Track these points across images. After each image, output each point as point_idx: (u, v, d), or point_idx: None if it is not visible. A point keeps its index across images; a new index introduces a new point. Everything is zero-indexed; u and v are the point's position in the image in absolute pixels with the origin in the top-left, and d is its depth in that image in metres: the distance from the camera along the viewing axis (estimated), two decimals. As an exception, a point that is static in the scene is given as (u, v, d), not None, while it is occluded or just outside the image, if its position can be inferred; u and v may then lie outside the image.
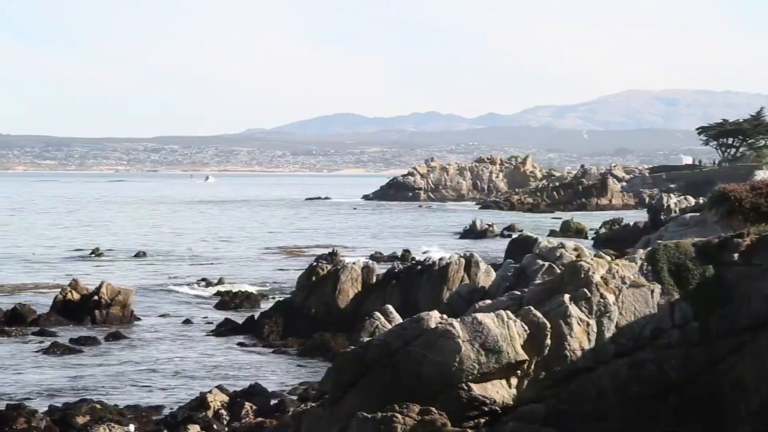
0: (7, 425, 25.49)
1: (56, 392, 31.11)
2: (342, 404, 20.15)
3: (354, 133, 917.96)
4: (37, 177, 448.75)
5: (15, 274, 64.04)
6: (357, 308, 41.27)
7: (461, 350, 19.81)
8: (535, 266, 35.77)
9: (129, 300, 45.63)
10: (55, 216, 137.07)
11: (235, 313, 47.11)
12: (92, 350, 38.24)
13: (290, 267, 67.26)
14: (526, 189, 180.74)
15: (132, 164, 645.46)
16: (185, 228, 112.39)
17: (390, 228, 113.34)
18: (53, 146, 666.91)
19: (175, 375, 34.08)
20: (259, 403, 27.52)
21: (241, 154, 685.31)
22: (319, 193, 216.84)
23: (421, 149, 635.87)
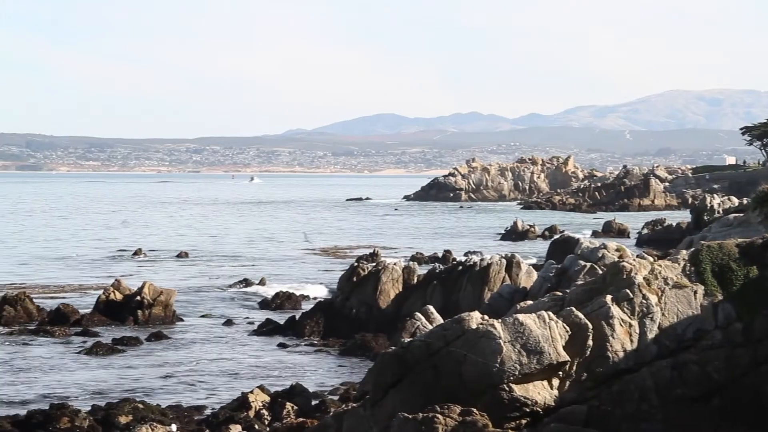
0: (51, 424, 25.67)
1: (99, 392, 31.30)
2: (383, 405, 20.14)
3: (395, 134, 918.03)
4: (82, 178, 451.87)
5: (58, 274, 64.50)
6: (398, 309, 41.27)
7: (502, 351, 19.75)
8: (577, 267, 35.62)
9: (171, 300, 45.83)
10: (98, 217, 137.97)
11: (276, 313, 47.20)
12: (134, 350, 38.45)
13: (332, 267, 67.34)
14: (567, 189, 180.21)
15: (174, 165, 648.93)
16: (227, 228, 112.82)
17: (431, 229, 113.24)
18: (96, 147, 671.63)
19: (217, 375, 34.20)
20: (301, 404, 27.55)
21: (283, 154, 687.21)
22: (360, 194, 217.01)
23: (463, 150, 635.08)
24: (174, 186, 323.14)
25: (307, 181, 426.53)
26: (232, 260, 74.33)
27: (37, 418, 26.03)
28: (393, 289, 42.24)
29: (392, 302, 41.91)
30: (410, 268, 43.19)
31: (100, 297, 45.94)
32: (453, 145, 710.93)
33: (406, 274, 42.72)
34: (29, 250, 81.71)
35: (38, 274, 63.98)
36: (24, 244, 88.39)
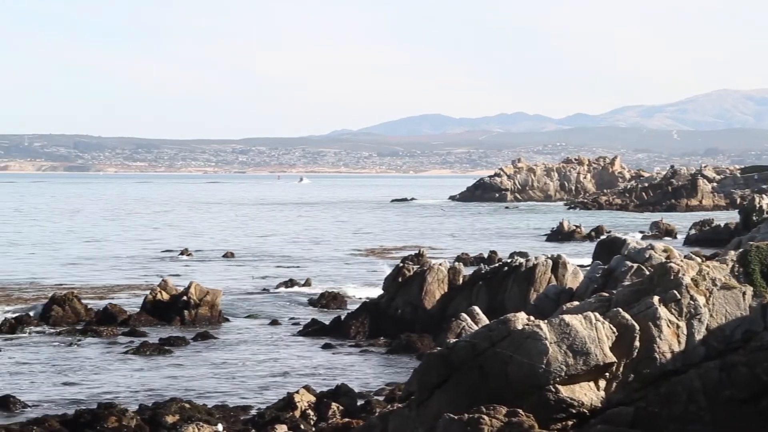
0: (99, 424, 25.84)
1: (146, 391, 31.48)
2: (428, 405, 20.12)
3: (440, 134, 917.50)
4: (129, 179, 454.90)
5: (106, 274, 64.96)
6: (443, 309, 41.22)
7: (548, 352, 19.68)
8: (624, 268, 35.43)
9: (217, 300, 46.02)
10: (146, 217, 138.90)
11: (322, 313, 47.29)
12: (181, 350, 38.63)
13: (377, 268, 67.37)
14: (614, 190, 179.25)
15: (220, 166, 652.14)
16: (273, 229, 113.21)
17: (476, 229, 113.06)
18: (143, 148, 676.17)
19: (263, 375, 34.30)
20: (346, 404, 27.58)
21: (328, 155, 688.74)
22: (405, 195, 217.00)
23: (508, 150, 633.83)
24: (222, 186, 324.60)
25: (352, 181, 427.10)
26: (278, 261, 74.55)
27: (85, 417, 26.22)
28: (438, 290, 42.19)
29: (437, 303, 41.86)
30: (456, 269, 43.11)
31: (147, 297, 46.21)
32: (498, 145, 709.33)
33: (451, 274, 42.65)
34: (78, 251, 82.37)
35: (86, 275, 64.47)
36: (72, 245, 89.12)
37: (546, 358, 19.65)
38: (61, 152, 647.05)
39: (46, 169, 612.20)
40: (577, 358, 19.76)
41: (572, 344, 19.81)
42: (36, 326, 43.57)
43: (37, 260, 74.32)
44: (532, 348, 19.75)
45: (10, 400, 29.20)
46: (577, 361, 19.75)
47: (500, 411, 19.10)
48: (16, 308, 47.45)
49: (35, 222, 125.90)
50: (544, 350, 19.69)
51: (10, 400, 29.19)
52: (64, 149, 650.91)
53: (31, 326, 43.37)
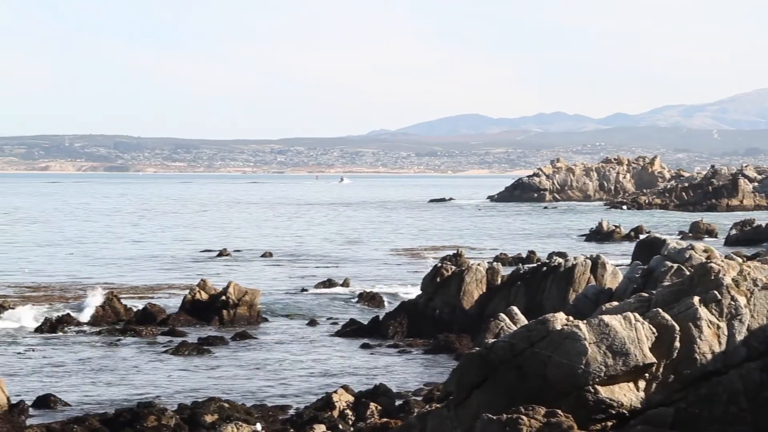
0: (139, 423, 25.98)
1: (185, 391, 31.61)
2: (467, 405, 20.09)
3: (479, 134, 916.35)
4: (169, 179, 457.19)
5: (145, 274, 65.29)
6: (481, 309, 41.15)
7: (587, 352, 19.60)
8: (664, 268, 35.21)
9: (256, 300, 46.15)
10: (185, 217, 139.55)
11: (360, 313, 47.33)
12: (220, 350, 38.77)
13: (415, 268, 67.37)
14: (654, 190, 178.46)
15: (258, 166, 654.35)
16: (312, 229, 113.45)
17: (515, 229, 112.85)
18: (182, 148, 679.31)
19: (301, 375, 34.36)
20: (384, 404, 27.58)
21: (366, 155, 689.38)
22: (444, 195, 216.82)
23: (547, 150, 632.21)
24: (261, 186, 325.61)
25: (390, 181, 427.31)
26: (316, 260, 74.68)
27: (125, 416, 26.36)
28: (477, 290, 42.13)
29: (476, 303, 41.80)
30: (494, 269, 43.03)
31: (186, 297, 46.40)
32: (537, 145, 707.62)
33: (489, 274, 42.57)
34: (117, 251, 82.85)
35: (126, 274, 64.83)
36: (112, 244, 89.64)
37: (585, 358, 19.57)
38: (101, 152, 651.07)
39: (86, 169, 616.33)
40: (617, 359, 19.67)
41: (611, 345, 19.72)
42: (76, 326, 43.86)
43: (77, 260, 74.82)
44: (571, 348, 19.68)
45: (51, 399, 29.42)
46: (616, 361, 19.66)
47: (539, 411, 19.05)
48: (57, 307, 47.76)
49: (77, 221, 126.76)
50: (583, 351, 19.61)
51: (51, 399, 29.41)
52: (104, 149, 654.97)
53: (71, 326, 43.65)
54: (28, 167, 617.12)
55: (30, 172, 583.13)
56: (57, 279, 61.52)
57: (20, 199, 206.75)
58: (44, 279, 61.37)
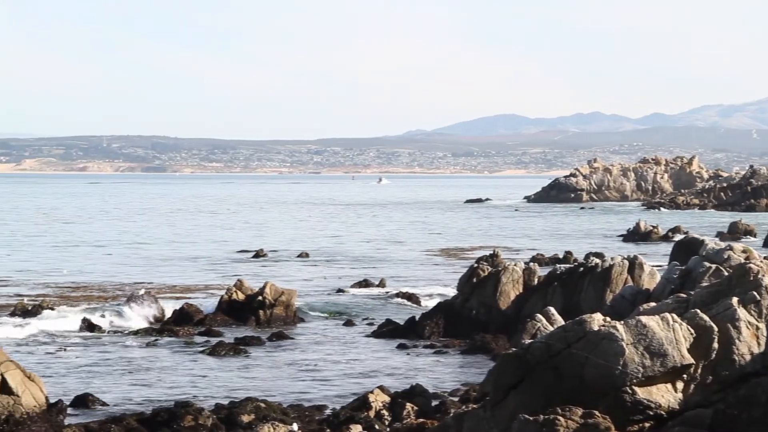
0: (176, 422, 26.08)
1: (222, 391, 31.70)
2: (503, 406, 20.04)
3: (515, 134, 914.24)
4: (206, 179, 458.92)
5: (183, 274, 65.56)
6: (518, 310, 41.06)
7: (625, 353, 19.51)
8: (702, 268, 35.04)
9: (292, 300, 46.22)
10: (221, 217, 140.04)
11: (396, 314, 47.31)
12: (256, 350, 38.85)
13: (451, 268, 67.32)
14: (692, 190, 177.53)
15: (295, 166, 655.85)
16: (348, 229, 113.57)
17: (551, 229, 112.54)
18: (219, 149, 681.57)
19: (337, 375, 34.39)
20: (421, 404, 27.56)
21: (402, 155, 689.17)
22: (480, 195, 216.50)
23: (584, 150, 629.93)
24: (300, 187, 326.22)
25: (426, 181, 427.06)
26: (353, 261, 74.74)
27: (162, 416, 26.47)
28: (513, 290, 42.03)
29: (512, 303, 41.70)
30: (531, 269, 42.92)
31: (223, 297, 46.53)
32: (574, 145, 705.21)
33: (526, 275, 42.46)
34: (155, 251, 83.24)
35: (163, 274, 65.11)
36: (150, 245, 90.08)
37: (622, 359, 19.49)
38: (139, 153, 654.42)
39: (123, 169, 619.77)
40: (654, 360, 19.56)
41: (649, 345, 19.62)
42: (114, 325, 44.08)
43: (116, 260, 75.22)
44: (608, 349, 19.59)
45: (89, 399, 29.58)
46: (654, 362, 19.55)
47: (576, 412, 18.98)
48: (95, 307, 48.01)
49: (115, 222, 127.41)
50: (620, 351, 19.52)
51: (89, 399, 29.58)
52: (141, 150, 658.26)
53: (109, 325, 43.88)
54: (66, 168, 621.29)
55: (68, 173, 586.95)
56: (96, 279, 61.87)
57: (60, 200, 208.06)
58: (83, 279, 61.74)
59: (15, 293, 54.43)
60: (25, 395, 26.66)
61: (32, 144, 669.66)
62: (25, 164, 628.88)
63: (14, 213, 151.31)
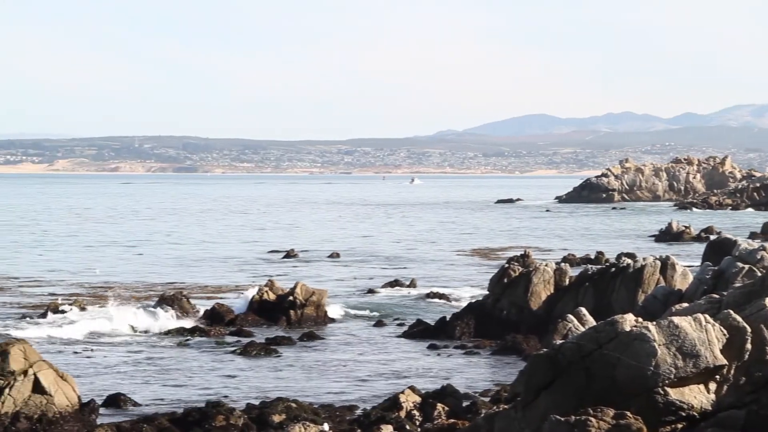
0: (207, 422, 26.14)
1: (253, 390, 31.78)
2: (534, 406, 19.99)
3: (546, 134, 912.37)
4: (238, 179, 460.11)
5: (214, 274, 65.76)
6: (549, 310, 40.95)
7: (657, 354, 19.42)
8: (735, 269, 34.84)
9: (323, 300, 46.28)
10: (252, 217, 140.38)
11: (427, 314, 47.26)
12: (287, 350, 38.91)
13: (482, 269, 67.23)
14: (724, 190, 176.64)
15: (326, 166, 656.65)
16: (379, 229, 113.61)
17: (583, 229, 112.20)
18: (250, 149, 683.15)
19: (368, 375, 34.40)
20: (452, 404, 27.53)
21: (433, 155, 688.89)
22: (511, 195, 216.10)
23: (615, 150, 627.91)
24: (330, 187, 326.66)
25: (457, 181, 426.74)
26: (384, 261, 74.76)
27: (194, 415, 26.55)
28: (544, 291, 41.93)
29: (543, 304, 41.61)
30: (562, 270, 42.80)
31: (254, 297, 46.64)
32: (606, 145, 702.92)
33: (557, 275, 42.35)
34: (186, 251, 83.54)
35: (194, 274, 65.34)
36: (181, 245, 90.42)
37: (654, 360, 19.40)
38: (170, 153, 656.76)
39: (155, 170, 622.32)
40: (687, 361, 19.46)
41: (681, 346, 19.52)
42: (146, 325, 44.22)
43: (147, 260, 75.56)
44: (640, 350, 19.51)
45: (121, 399, 29.70)
46: (686, 363, 19.46)
47: (607, 413, 18.90)
48: (127, 307, 48.18)
49: (148, 222, 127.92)
50: (652, 352, 19.43)
51: (120, 399, 29.69)
52: (173, 150, 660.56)
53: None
54: (98, 168, 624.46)
55: (100, 173, 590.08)
56: (128, 279, 62.15)
57: (93, 200, 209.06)
58: (115, 279, 62.02)
59: (47, 293, 54.77)
60: (58, 395, 26.82)
61: (65, 144, 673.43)
62: (57, 165, 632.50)
63: (47, 213, 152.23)
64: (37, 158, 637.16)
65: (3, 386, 26.47)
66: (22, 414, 26.24)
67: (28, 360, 26.93)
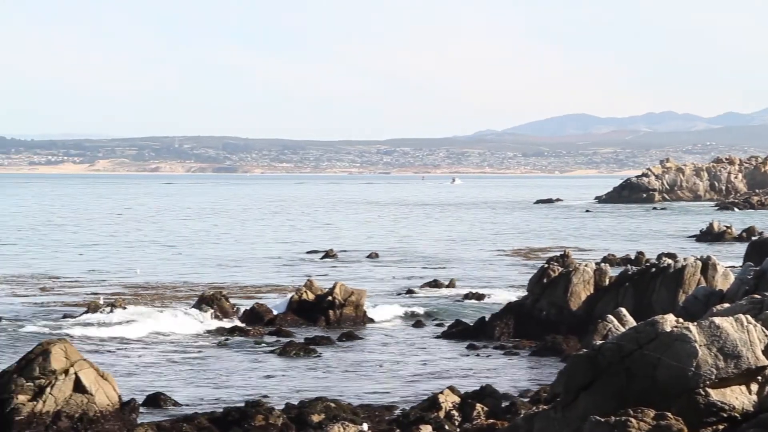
0: (246, 422, 26.22)
1: (292, 390, 31.83)
2: (574, 407, 19.90)
3: (586, 134, 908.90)
4: (278, 179, 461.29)
5: (253, 274, 65.94)
6: (589, 310, 40.78)
7: (698, 354, 19.28)
8: (777, 269, 34.54)
9: (362, 301, 46.31)
10: (291, 217, 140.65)
11: (466, 314, 47.18)
12: (326, 350, 38.95)
13: (522, 269, 67.05)
14: (766, 190, 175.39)
15: (365, 166, 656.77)
16: (418, 230, 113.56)
17: (623, 230, 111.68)
18: (289, 149, 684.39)
19: (407, 375, 34.38)
20: (491, 405, 27.47)
21: (472, 155, 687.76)
22: (551, 195, 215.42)
23: (656, 150, 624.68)
24: (370, 187, 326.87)
25: (497, 182, 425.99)
26: (423, 261, 74.70)
27: (233, 415, 26.63)
28: (584, 291, 41.76)
29: (583, 304, 41.43)
30: (602, 270, 42.60)
31: (293, 297, 46.74)
32: (646, 145, 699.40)
33: (597, 275, 42.17)
34: (226, 251, 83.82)
35: (234, 275, 65.55)
36: (220, 245, 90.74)
37: (695, 360, 19.26)
38: (210, 154, 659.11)
39: (195, 170, 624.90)
40: (728, 361, 19.31)
41: (723, 347, 19.37)
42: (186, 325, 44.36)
43: (187, 260, 75.87)
44: (681, 350, 19.38)
45: (161, 398, 29.83)
46: (727, 364, 19.31)
47: (648, 414, 18.79)
48: (167, 306, 48.44)
49: (188, 222, 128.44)
50: (693, 353, 19.30)
51: (160, 398, 29.83)
52: (212, 151, 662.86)
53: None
54: (138, 168, 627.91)
55: (141, 173, 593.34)
56: (167, 279, 62.44)
57: (135, 200, 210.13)
58: (155, 279, 62.32)
59: (88, 292, 55.12)
60: (99, 394, 26.98)
61: (105, 145, 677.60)
62: (98, 165, 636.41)
63: (88, 213, 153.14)
64: (78, 158, 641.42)
65: (44, 385, 26.68)
66: (63, 413, 26.43)
67: (69, 359, 27.11)
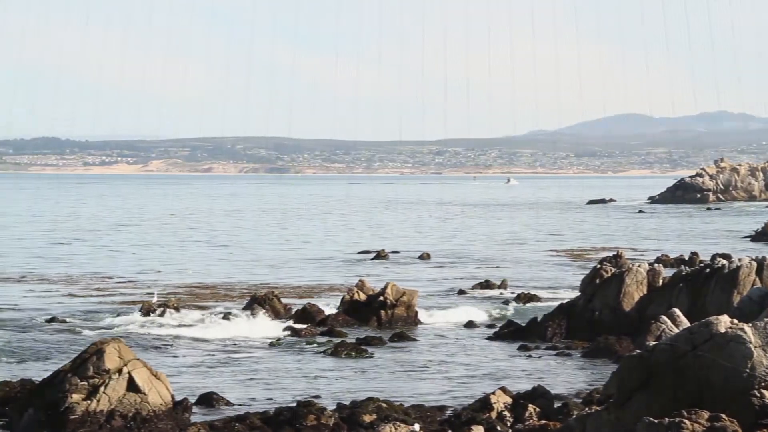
0: (298, 422, 26.28)
1: (344, 390, 31.85)
2: (627, 408, 19.78)
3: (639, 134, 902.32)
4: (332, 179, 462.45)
5: (305, 275, 66.11)
6: (642, 311, 40.49)
7: (753, 356, 19.10)
8: (833, 270, 34.15)
9: (413, 301, 46.26)
10: (343, 218, 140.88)
11: (517, 315, 47.02)
12: (378, 350, 38.94)
13: (574, 269, 66.74)
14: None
15: (416, 167, 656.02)
16: (470, 230, 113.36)
17: (677, 230, 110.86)
18: (341, 150, 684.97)
19: (458, 376, 34.31)
20: (543, 406, 27.35)
21: (524, 156, 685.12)
22: (603, 195, 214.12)
23: (711, 150, 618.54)
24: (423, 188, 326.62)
25: (550, 182, 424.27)
26: (475, 262, 74.55)
27: (285, 415, 26.70)
28: (637, 292, 41.48)
29: (636, 305, 41.15)
30: (655, 271, 42.29)
31: (345, 297, 46.80)
32: (700, 145, 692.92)
33: (650, 276, 41.87)
34: (278, 251, 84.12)
35: (286, 275, 65.76)
36: (274, 245, 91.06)
37: (750, 362, 19.08)
38: (262, 154, 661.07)
39: (247, 171, 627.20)
40: (784, 363, 19.11)
41: (778, 348, 19.17)
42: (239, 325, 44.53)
43: (240, 260, 76.22)
44: (735, 352, 19.21)
45: (214, 398, 29.96)
46: (783, 366, 19.10)
47: (702, 415, 18.63)
48: (221, 306, 48.69)
49: (241, 221, 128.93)
50: (748, 354, 19.12)
51: (213, 398, 29.96)
52: (264, 151, 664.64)
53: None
54: (191, 169, 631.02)
55: (193, 174, 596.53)
56: (220, 279, 62.74)
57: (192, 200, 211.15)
58: (209, 279, 62.64)
59: (142, 292, 55.49)
60: (152, 393, 27.14)
61: (158, 145, 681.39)
62: (151, 165, 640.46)
63: (141, 213, 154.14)
64: (132, 159, 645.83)
65: (98, 384, 26.88)
66: (117, 412, 26.61)
67: (122, 358, 27.30)
